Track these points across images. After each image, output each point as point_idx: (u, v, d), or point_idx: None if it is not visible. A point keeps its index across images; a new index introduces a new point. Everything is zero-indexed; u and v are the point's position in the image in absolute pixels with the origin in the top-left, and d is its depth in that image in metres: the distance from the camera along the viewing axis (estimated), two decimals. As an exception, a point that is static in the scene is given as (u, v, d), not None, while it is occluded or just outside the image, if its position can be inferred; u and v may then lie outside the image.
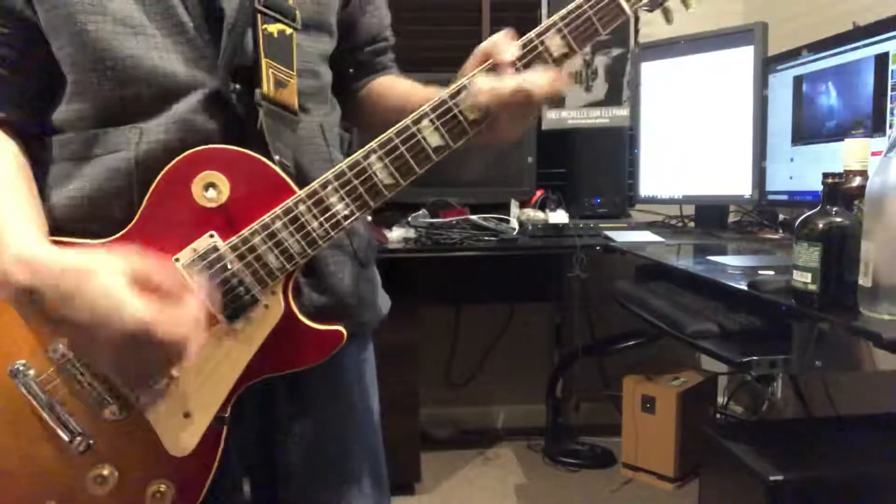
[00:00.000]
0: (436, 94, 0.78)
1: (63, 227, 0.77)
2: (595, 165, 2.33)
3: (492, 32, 0.79)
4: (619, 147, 2.35)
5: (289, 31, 0.81)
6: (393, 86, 1.01)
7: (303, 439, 0.91)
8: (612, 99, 2.26)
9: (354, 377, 0.95)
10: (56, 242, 0.73)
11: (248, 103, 0.78)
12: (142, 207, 0.75)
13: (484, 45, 0.78)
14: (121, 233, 0.75)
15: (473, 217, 2.12)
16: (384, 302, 1.00)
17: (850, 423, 1.68)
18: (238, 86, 0.78)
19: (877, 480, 1.31)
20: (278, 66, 0.79)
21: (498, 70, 0.76)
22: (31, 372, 0.75)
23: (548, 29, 0.77)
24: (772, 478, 1.27)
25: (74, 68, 0.77)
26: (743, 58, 2.11)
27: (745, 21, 2.44)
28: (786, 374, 2.23)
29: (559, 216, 2.18)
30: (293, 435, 0.91)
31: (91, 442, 0.76)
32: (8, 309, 0.74)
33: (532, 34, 0.77)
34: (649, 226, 2.31)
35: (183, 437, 0.76)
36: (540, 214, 2.24)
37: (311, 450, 0.91)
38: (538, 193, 2.34)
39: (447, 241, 2.01)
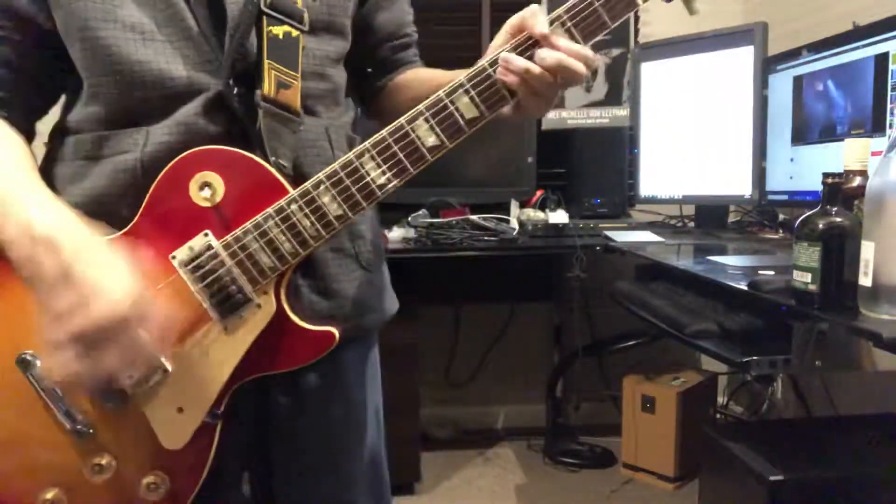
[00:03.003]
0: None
1: None
2: (595, 165, 2.33)
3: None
4: (619, 147, 2.34)
5: (295, 33, 0.81)
6: (416, 77, 1.00)
7: (300, 438, 0.91)
8: (612, 99, 2.26)
9: (355, 378, 0.95)
10: None
11: (250, 105, 0.79)
12: (143, 206, 0.77)
13: (514, 19, 0.76)
14: (124, 230, 0.77)
15: (473, 217, 2.12)
16: (390, 304, 0.99)
17: (850, 423, 1.68)
18: (240, 88, 0.79)
19: (877, 480, 1.31)
20: (281, 67, 0.79)
21: (530, 43, 0.74)
22: (39, 362, 0.76)
23: (553, 21, 0.74)
24: (772, 478, 1.27)
25: (88, 72, 0.80)
26: (743, 58, 2.11)
27: (745, 21, 2.44)
28: (786, 374, 2.23)
29: (559, 216, 2.18)
30: (290, 434, 0.91)
31: (91, 431, 0.78)
32: (17, 297, 0.74)
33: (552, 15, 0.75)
34: (649, 226, 2.31)
35: (176, 432, 0.78)
36: (540, 214, 2.23)
37: (308, 449, 0.91)
38: (538, 193, 2.34)
39: (447, 241, 2.00)
